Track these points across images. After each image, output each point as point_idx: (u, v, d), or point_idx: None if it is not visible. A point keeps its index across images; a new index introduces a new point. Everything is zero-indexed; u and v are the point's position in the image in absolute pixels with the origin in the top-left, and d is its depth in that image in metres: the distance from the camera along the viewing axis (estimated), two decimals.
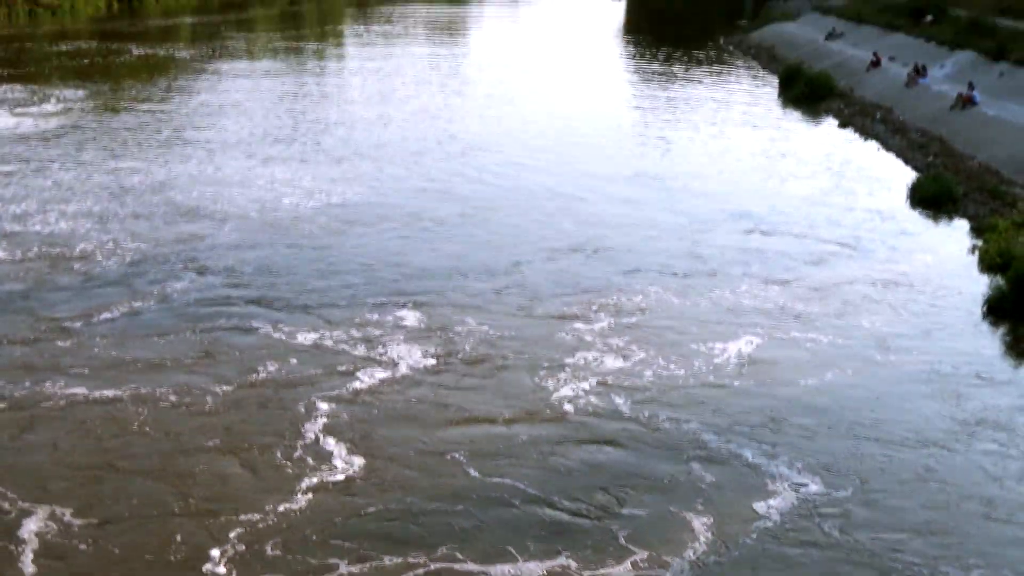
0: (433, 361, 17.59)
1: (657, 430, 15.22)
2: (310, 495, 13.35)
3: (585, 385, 16.66)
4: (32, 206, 26.88)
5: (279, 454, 14.37)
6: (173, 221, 25.88)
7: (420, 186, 30.08)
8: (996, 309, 20.25)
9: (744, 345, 18.39)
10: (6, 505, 13.01)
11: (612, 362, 17.60)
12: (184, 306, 20.17)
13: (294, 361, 17.46)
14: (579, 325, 19.30)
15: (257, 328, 18.99)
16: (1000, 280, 20.97)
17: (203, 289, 21.13)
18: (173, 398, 16.01)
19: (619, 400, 16.11)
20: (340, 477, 13.83)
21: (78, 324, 19.04)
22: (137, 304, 20.10)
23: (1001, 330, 19.68)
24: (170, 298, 20.53)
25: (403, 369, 17.24)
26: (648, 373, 17.15)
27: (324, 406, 15.75)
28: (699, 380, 17.00)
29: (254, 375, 16.89)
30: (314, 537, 12.41)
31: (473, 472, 13.98)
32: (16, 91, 46.16)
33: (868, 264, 23.30)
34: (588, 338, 18.69)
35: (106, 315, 19.49)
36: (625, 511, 13.11)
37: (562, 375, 17.02)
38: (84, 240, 23.98)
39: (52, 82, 49.71)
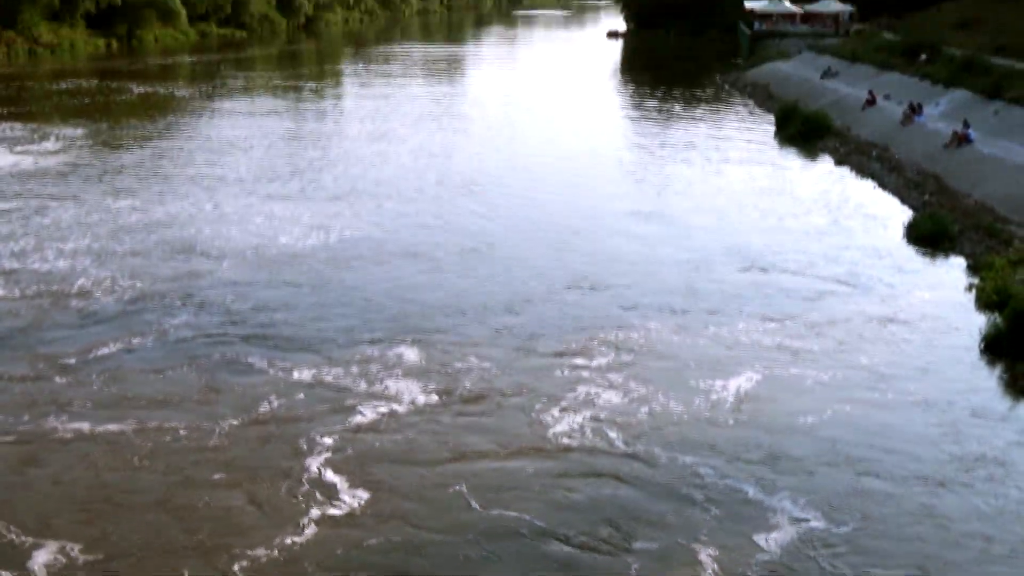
0: (433, 397, 17.66)
1: (658, 466, 15.28)
2: (314, 528, 13.43)
3: (585, 421, 16.74)
4: (31, 243, 26.95)
5: (283, 488, 14.44)
6: (171, 258, 25.94)
7: (419, 223, 30.16)
8: (993, 347, 20.30)
9: (744, 381, 18.45)
10: (12, 539, 13.06)
11: (612, 398, 17.67)
12: (183, 342, 20.23)
13: (294, 397, 17.54)
14: (579, 361, 19.37)
15: (257, 364, 19.06)
16: (997, 318, 21.03)
17: (202, 326, 21.19)
18: (175, 433, 16.08)
19: (620, 436, 16.17)
20: (344, 510, 13.91)
21: (78, 360, 19.11)
22: (136, 341, 20.17)
23: (998, 368, 19.71)
24: (169, 335, 20.59)
25: (404, 405, 17.30)
26: (648, 409, 17.21)
27: (326, 441, 15.83)
28: (699, 416, 17.06)
29: (255, 410, 16.95)
30: (319, 570, 12.46)
31: (476, 505, 14.06)
32: (16, 129, 46.36)
33: (866, 301, 23.37)
34: (588, 374, 18.77)
35: (105, 351, 19.57)
36: (631, 544, 13.20)
37: (562, 411, 17.09)
38: (83, 277, 24.04)
39: (52, 120, 49.92)
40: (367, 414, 16.85)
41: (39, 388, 17.86)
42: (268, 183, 35.23)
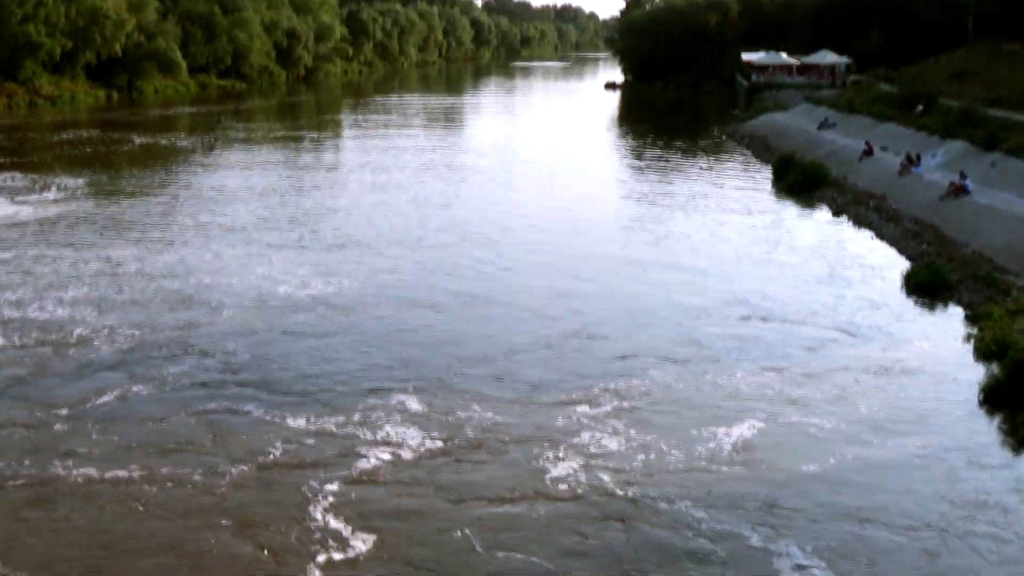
0: (435, 444, 17.70)
1: (660, 512, 15.33)
2: (321, 574, 13.44)
3: (586, 467, 16.77)
4: (31, 292, 27.01)
5: (289, 534, 14.49)
6: (171, 308, 25.99)
7: (419, 272, 30.26)
8: (993, 397, 20.28)
9: (745, 429, 18.48)
10: None
11: (613, 445, 17.71)
12: (184, 390, 20.28)
13: (297, 444, 17.59)
14: (580, 409, 19.42)
15: (259, 412, 19.10)
16: (996, 368, 21.04)
17: (203, 374, 21.22)
18: (179, 479, 16.13)
19: (621, 482, 16.20)
20: (350, 555, 13.97)
21: (79, 408, 19.15)
22: (137, 389, 20.20)
23: (998, 418, 19.68)
24: (170, 383, 20.62)
25: (406, 451, 17.36)
26: (649, 456, 17.24)
27: (330, 487, 15.88)
28: (700, 463, 17.08)
29: (258, 457, 17.01)
30: None
31: (479, 548, 14.15)
32: (16, 179, 46.58)
33: (864, 350, 23.41)
34: (589, 421, 18.81)
35: (106, 399, 19.60)
36: None
37: (563, 457, 17.12)
38: (82, 326, 24.07)
39: (53, 170, 50.13)
40: (370, 461, 16.90)
41: (41, 435, 17.88)
42: (268, 233, 35.35)
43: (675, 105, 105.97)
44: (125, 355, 22.26)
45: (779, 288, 29.02)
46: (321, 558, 13.82)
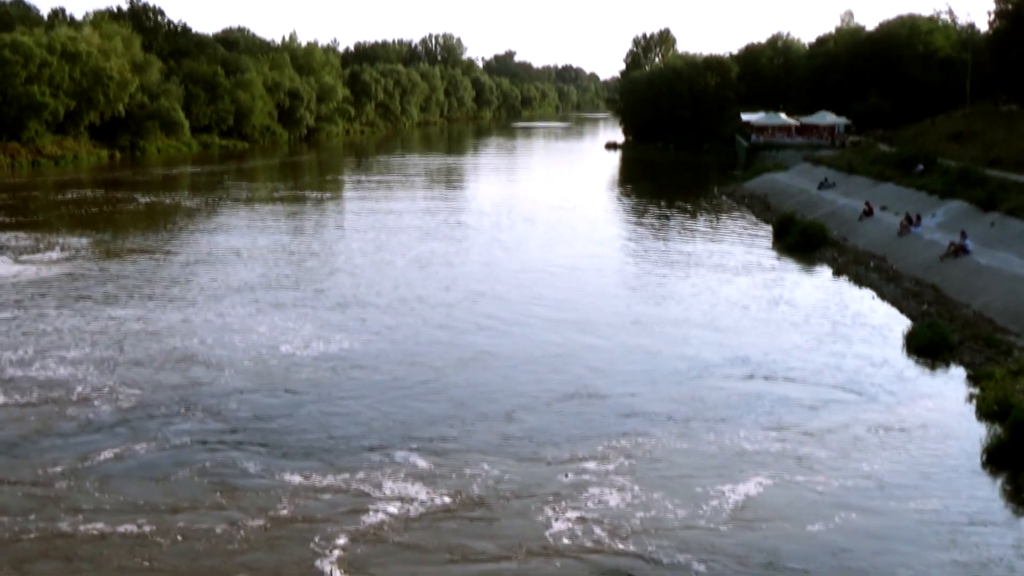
0: (439, 501, 17.74)
1: (663, 568, 15.35)
2: None
3: (589, 524, 16.80)
4: (34, 351, 27.13)
5: None
6: (174, 367, 26.06)
7: (421, 332, 30.33)
8: (995, 457, 20.26)
9: (750, 488, 18.52)
10: None
11: (617, 503, 17.75)
12: (186, 448, 20.35)
13: (302, 501, 17.63)
14: (583, 467, 19.46)
15: (263, 470, 19.16)
16: (998, 428, 21.01)
17: (206, 433, 21.29)
18: (186, 534, 16.19)
19: (624, 539, 16.21)
20: None
21: (82, 466, 19.20)
22: (139, 447, 20.30)
23: (1001, 478, 19.66)
24: (172, 441, 20.68)
25: (410, 508, 17.42)
26: (652, 514, 17.27)
27: (338, 541, 15.97)
28: (704, 521, 17.08)
29: (263, 514, 17.04)
30: None
31: None
32: (20, 239, 46.79)
33: (867, 410, 23.43)
34: (592, 479, 18.85)
35: (108, 457, 19.68)
36: None
37: (567, 515, 17.14)
38: (84, 385, 24.21)
39: (56, 230, 50.39)
40: (377, 516, 16.96)
41: (47, 492, 17.92)
42: (271, 292, 35.46)
43: (675, 165, 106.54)
44: (127, 413, 22.33)
45: (781, 346, 29.06)
46: None
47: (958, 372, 26.99)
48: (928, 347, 28.57)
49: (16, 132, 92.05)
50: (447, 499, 17.81)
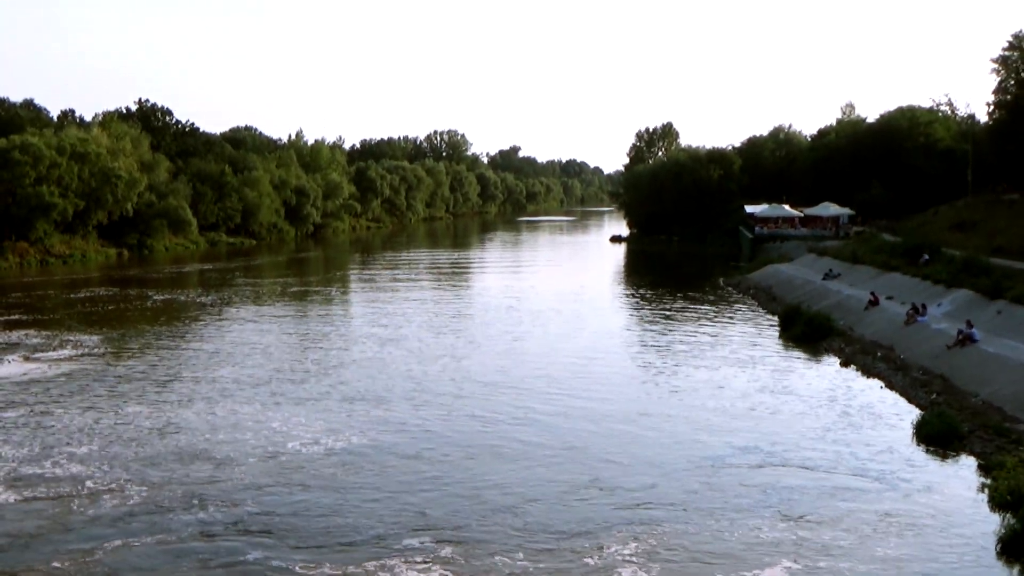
0: None
1: None
2: None
3: None
4: (43, 448, 27.34)
5: None
6: (182, 463, 26.13)
7: (430, 426, 30.36)
8: (1010, 548, 20.14)
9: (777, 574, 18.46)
10: None
11: None
12: (194, 542, 20.38)
13: None
14: (604, 557, 19.45)
15: (272, 566, 19.10)
16: (1011, 519, 20.89)
17: (213, 527, 21.34)
18: None
19: None
20: None
21: (87, 560, 19.26)
22: (146, 541, 20.41)
23: (1016, 569, 19.54)
24: (180, 536, 20.74)
25: None
26: None
27: None
28: None
29: None
30: None
31: None
32: (32, 337, 47.08)
33: (880, 499, 23.40)
34: (613, 571, 18.77)
35: (114, 553, 19.72)
36: None
37: None
38: (92, 481, 24.37)
39: (66, 327, 50.72)
40: None
41: None
42: (279, 388, 35.55)
43: (680, 257, 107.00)
44: (135, 508, 22.45)
45: (792, 436, 29.07)
46: None
47: (969, 462, 26.90)
48: (938, 436, 28.51)
49: (25, 232, 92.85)
50: None
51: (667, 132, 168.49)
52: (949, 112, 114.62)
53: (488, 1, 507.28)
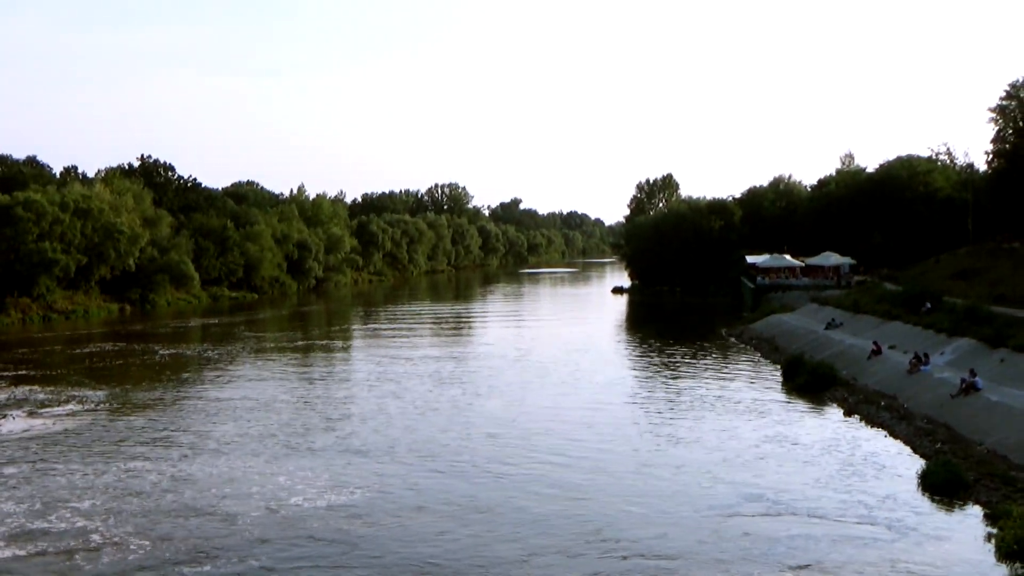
0: None
1: None
2: None
3: None
4: (45, 503, 27.39)
5: None
6: (185, 518, 26.15)
7: (433, 481, 30.34)
8: None
9: None
10: None
11: None
12: None
13: None
14: None
15: None
16: (1019, 568, 20.79)
17: None
18: None
19: None
20: None
21: None
22: None
23: None
24: None
25: None
26: None
27: None
28: None
29: None
30: None
31: None
32: (36, 392, 47.11)
33: (886, 548, 23.43)
34: None
35: None
36: None
37: None
38: (95, 535, 24.42)
39: (70, 383, 50.78)
40: None
41: None
42: (282, 443, 35.55)
43: (682, 308, 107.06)
44: (136, 563, 22.47)
45: (798, 485, 29.04)
46: None
47: (975, 511, 26.84)
48: (943, 485, 28.44)
49: (28, 288, 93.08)
50: None
51: (667, 183, 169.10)
52: (948, 161, 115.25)
53: (488, 54, 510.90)
